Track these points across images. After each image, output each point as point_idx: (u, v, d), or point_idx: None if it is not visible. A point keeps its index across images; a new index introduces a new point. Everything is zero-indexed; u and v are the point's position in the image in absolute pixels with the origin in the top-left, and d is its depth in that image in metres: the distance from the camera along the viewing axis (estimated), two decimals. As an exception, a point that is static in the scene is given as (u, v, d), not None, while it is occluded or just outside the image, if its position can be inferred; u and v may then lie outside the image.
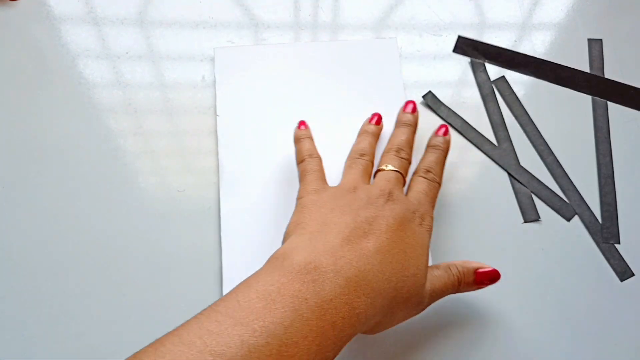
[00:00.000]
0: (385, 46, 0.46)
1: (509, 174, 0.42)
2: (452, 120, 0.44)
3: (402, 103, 0.43)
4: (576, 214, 0.41)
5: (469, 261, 0.35)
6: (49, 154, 0.42)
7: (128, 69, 0.45)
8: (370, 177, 0.38)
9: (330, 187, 0.36)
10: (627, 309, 0.39)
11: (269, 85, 0.44)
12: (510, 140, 0.44)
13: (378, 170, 0.37)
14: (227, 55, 0.45)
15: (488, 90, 0.45)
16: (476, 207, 0.41)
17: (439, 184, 0.38)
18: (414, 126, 0.41)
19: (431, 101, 0.45)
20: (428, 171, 0.38)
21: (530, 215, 0.41)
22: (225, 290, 0.37)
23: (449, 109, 0.44)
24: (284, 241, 0.33)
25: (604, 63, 0.47)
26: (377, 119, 0.42)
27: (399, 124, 0.41)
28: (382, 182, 0.36)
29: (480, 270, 0.35)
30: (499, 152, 0.43)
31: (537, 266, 0.40)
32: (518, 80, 0.46)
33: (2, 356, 0.36)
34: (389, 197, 0.34)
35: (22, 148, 0.42)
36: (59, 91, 0.44)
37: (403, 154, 0.38)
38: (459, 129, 0.44)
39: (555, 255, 0.40)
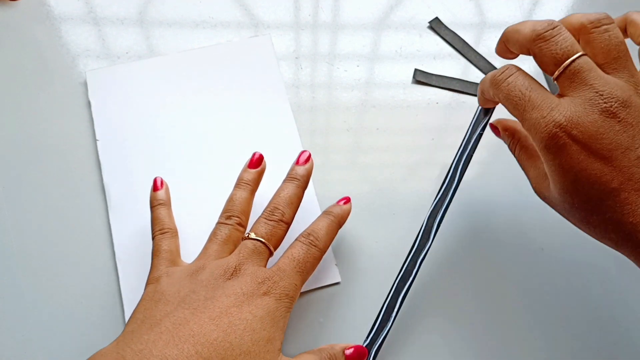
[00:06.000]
0: (261, 44, 0.46)
1: None
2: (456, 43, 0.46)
3: (285, 100, 0.43)
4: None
5: (336, 344, 0.34)
6: (49, 154, 0.42)
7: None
8: (234, 245, 0.36)
9: (177, 269, 0.34)
10: (629, 307, 0.39)
11: (147, 101, 0.43)
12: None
13: (243, 238, 0.35)
14: (101, 76, 0.44)
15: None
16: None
17: (319, 248, 0.35)
18: (302, 181, 0.37)
19: (436, 25, 0.47)
20: (309, 234, 0.35)
21: None
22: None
23: (454, 32, 0.46)
24: None
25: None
26: (257, 160, 0.38)
27: (286, 178, 0.38)
28: (233, 256, 0.34)
29: (349, 353, 0.34)
30: None
31: (537, 266, 0.40)
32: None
33: (2, 356, 0.36)
34: (234, 272, 0.32)
35: (22, 148, 0.42)
36: (60, 91, 0.44)
37: (277, 215, 0.35)
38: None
39: (555, 255, 0.40)
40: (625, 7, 0.49)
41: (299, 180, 0.37)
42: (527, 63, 0.35)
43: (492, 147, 0.44)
